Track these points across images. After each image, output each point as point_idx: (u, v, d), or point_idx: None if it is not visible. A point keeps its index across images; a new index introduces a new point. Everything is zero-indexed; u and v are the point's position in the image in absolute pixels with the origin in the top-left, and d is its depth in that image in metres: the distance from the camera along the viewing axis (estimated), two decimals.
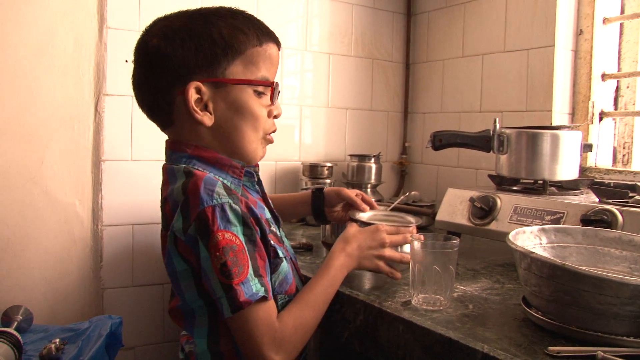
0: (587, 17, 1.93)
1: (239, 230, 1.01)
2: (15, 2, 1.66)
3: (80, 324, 1.55)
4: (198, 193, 1.00)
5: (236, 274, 0.97)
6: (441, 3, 2.35)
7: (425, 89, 2.46)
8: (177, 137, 1.14)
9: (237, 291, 0.96)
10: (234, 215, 1.01)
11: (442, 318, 1.02)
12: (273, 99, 1.15)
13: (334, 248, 1.19)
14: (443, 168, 2.34)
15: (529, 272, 0.95)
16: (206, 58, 1.08)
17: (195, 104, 1.08)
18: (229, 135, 1.12)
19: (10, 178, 1.69)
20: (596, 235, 1.14)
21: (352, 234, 1.20)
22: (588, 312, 0.87)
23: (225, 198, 1.01)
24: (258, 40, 1.11)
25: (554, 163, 1.55)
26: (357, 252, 1.18)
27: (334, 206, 1.45)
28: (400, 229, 1.23)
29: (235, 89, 1.10)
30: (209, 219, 0.98)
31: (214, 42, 1.08)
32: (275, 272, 1.10)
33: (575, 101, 1.97)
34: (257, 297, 0.98)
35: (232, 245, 0.98)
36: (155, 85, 1.11)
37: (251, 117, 1.11)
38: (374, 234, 1.20)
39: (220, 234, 0.98)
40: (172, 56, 1.08)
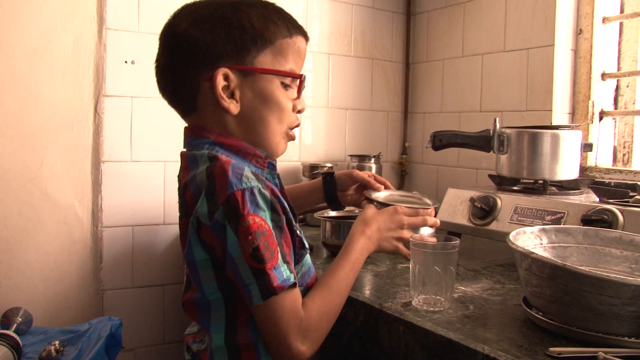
0: (586, 17, 1.93)
1: (267, 215, 0.98)
2: (14, 3, 1.66)
3: (80, 326, 1.55)
4: (226, 177, 0.97)
5: (269, 258, 0.95)
6: (441, 3, 2.35)
7: (425, 88, 2.46)
8: (199, 123, 1.11)
9: (270, 276, 0.94)
10: (263, 200, 0.98)
11: (443, 319, 1.02)
12: (299, 92, 1.14)
13: (354, 230, 1.18)
14: (443, 168, 2.34)
15: (529, 272, 0.95)
16: (235, 45, 1.05)
17: (223, 90, 1.05)
18: (254, 125, 1.10)
19: (10, 179, 1.68)
20: (597, 235, 1.13)
21: (371, 215, 1.20)
22: (589, 313, 0.86)
23: (255, 182, 0.98)
24: (288, 31, 1.09)
25: (554, 163, 1.54)
26: (377, 234, 1.18)
27: (347, 189, 1.44)
28: (419, 211, 1.23)
29: (263, 79, 1.08)
30: (239, 203, 0.95)
31: (244, 30, 1.05)
32: (300, 262, 1.09)
33: (575, 100, 1.97)
34: (289, 283, 0.96)
35: (262, 230, 0.96)
36: (182, 71, 1.08)
37: (277, 108, 1.10)
38: (392, 215, 1.20)
39: (251, 218, 0.95)
40: (201, 42, 1.05)
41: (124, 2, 1.82)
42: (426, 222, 1.22)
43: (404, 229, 1.20)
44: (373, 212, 1.21)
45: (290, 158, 2.23)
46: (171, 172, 1.92)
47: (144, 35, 1.84)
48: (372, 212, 1.21)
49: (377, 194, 1.33)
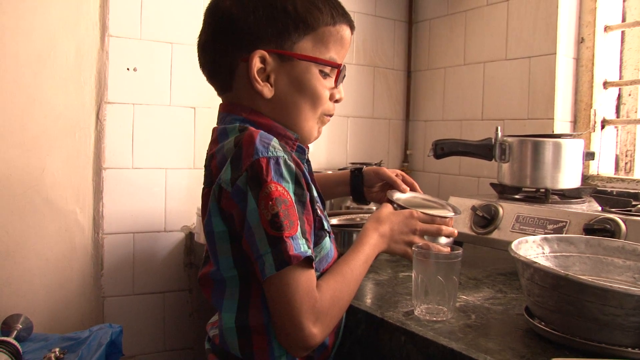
0: (588, 25, 1.93)
1: (291, 187, 0.96)
2: (17, 10, 1.67)
3: (81, 333, 1.54)
4: (253, 144, 0.96)
5: (287, 226, 0.92)
6: (443, 11, 2.35)
7: (426, 96, 2.46)
8: (234, 102, 1.11)
9: (286, 244, 0.91)
10: (288, 171, 0.96)
11: (445, 328, 1.01)
12: (337, 82, 1.12)
13: (367, 226, 1.15)
14: (444, 176, 2.34)
15: (532, 282, 0.94)
16: (276, 28, 1.04)
17: (258, 73, 1.04)
18: (287, 110, 1.09)
19: (12, 185, 1.68)
20: (599, 244, 1.13)
21: (386, 215, 1.17)
22: (592, 323, 0.86)
23: (281, 152, 0.97)
24: (332, 19, 1.07)
25: (556, 171, 1.54)
26: (389, 234, 1.15)
27: (373, 186, 1.41)
28: (435, 219, 1.20)
29: (300, 65, 1.06)
30: (262, 169, 0.94)
31: (287, 13, 1.04)
32: (318, 245, 1.05)
33: (577, 109, 1.97)
34: (305, 254, 0.92)
35: (284, 199, 0.93)
36: (221, 48, 1.08)
37: (312, 96, 1.08)
38: (407, 219, 1.18)
39: (274, 185, 0.93)
40: (243, 21, 1.04)
41: (127, 9, 1.82)
42: (440, 231, 1.19)
43: (416, 234, 1.17)
44: (388, 211, 1.18)
45: None
46: (172, 179, 1.92)
47: (146, 42, 1.84)
48: (387, 212, 1.18)
49: (398, 195, 1.30)
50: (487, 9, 2.15)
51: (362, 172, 1.42)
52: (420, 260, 1.08)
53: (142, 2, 1.85)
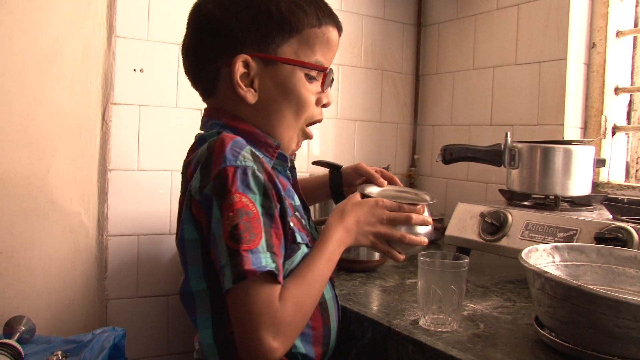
0: (600, 30, 1.91)
1: (258, 199, 0.93)
2: (24, 10, 1.66)
3: (84, 336, 1.53)
4: (223, 152, 0.94)
5: (246, 239, 0.88)
6: (452, 15, 2.34)
7: (435, 101, 2.44)
8: (217, 107, 1.10)
9: (243, 258, 0.87)
10: (255, 182, 0.94)
11: (453, 338, 0.99)
12: (324, 86, 1.09)
13: (331, 220, 1.08)
14: (452, 181, 2.32)
15: (542, 292, 0.92)
16: (260, 32, 1.02)
17: (241, 78, 1.03)
18: (270, 116, 1.06)
19: (16, 186, 1.67)
20: (611, 254, 1.11)
21: (351, 206, 1.10)
22: (605, 336, 0.84)
23: (250, 162, 0.94)
24: (318, 20, 1.05)
25: (566, 178, 1.52)
26: (355, 227, 1.08)
27: (352, 184, 1.36)
28: (402, 206, 1.12)
29: (285, 69, 1.04)
30: (228, 178, 0.91)
31: (271, 16, 1.02)
32: (290, 258, 1.01)
33: (587, 115, 1.94)
34: (264, 269, 0.88)
35: (247, 211, 0.90)
36: (203, 53, 1.07)
37: (297, 101, 1.06)
38: (373, 208, 1.10)
39: (237, 196, 0.90)
40: (225, 25, 1.03)
41: (134, 10, 1.81)
42: (410, 219, 1.10)
43: (384, 223, 1.10)
44: (354, 202, 1.11)
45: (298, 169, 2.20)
46: (178, 181, 1.89)
47: (153, 43, 1.83)
48: (352, 203, 1.11)
49: (371, 189, 1.22)
50: (497, 13, 2.13)
51: (340, 171, 1.39)
52: (425, 269, 1.06)
53: (149, 3, 1.84)
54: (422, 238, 1.11)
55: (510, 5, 2.07)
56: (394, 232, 1.10)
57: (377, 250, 1.13)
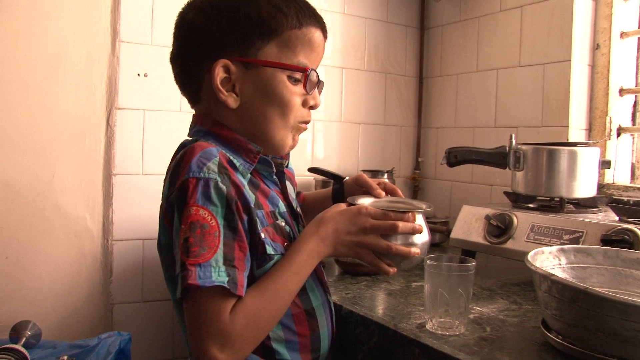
0: (604, 32, 1.90)
1: (220, 212, 0.92)
2: (29, 16, 1.66)
3: (89, 341, 1.53)
4: (189, 162, 0.94)
5: (195, 253, 0.87)
6: (455, 17, 2.34)
7: (438, 103, 2.44)
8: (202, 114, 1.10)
9: (189, 271, 0.86)
10: (217, 194, 0.93)
11: (459, 341, 0.99)
12: (307, 87, 1.06)
13: (305, 230, 1.04)
14: (457, 184, 2.31)
15: (549, 294, 0.92)
16: (240, 36, 1.02)
17: (223, 83, 1.03)
18: (255, 120, 1.05)
19: (21, 191, 1.68)
20: (617, 256, 1.11)
21: (330, 214, 1.05)
22: (613, 339, 0.83)
23: (214, 175, 0.93)
24: (298, 22, 1.04)
25: (571, 180, 1.52)
26: (333, 235, 1.03)
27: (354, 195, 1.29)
28: (388, 214, 1.05)
29: (266, 72, 1.03)
30: (189, 190, 0.91)
31: (250, 20, 1.02)
32: (261, 267, 0.99)
33: (592, 117, 1.94)
34: (211, 284, 0.86)
35: (203, 224, 0.90)
36: (187, 60, 1.08)
37: (279, 103, 1.04)
38: (355, 216, 1.04)
39: (194, 208, 0.90)
40: (207, 31, 1.03)
41: (138, 15, 1.82)
42: (396, 228, 1.03)
43: (367, 233, 1.03)
44: (335, 210, 1.07)
45: (302, 172, 2.21)
46: None
47: (157, 48, 1.83)
48: (334, 211, 1.06)
49: (363, 200, 1.15)
50: (500, 15, 2.13)
51: (342, 183, 1.37)
52: (432, 272, 1.05)
53: (153, 8, 1.84)
54: (412, 249, 1.04)
55: (513, 7, 2.06)
56: (378, 242, 1.04)
57: (363, 261, 1.07)
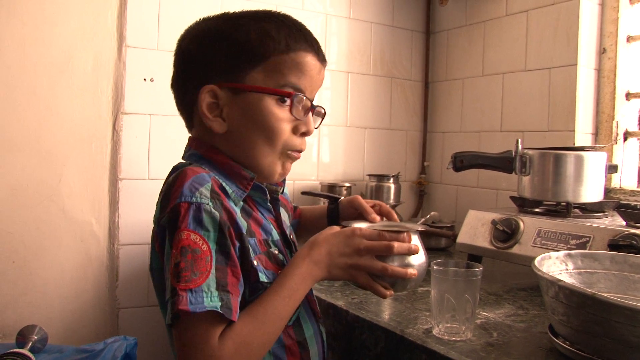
0: (610, 36, 1.90)
1: (212, 236, 0.91)
2: (36, 21, 1.67)
3: (95, 345, 1.53)
4: (181, 186, 0.93)
5: (185, 278, 0.86)
6: (461, 21, 2.34)
7: (444, 108, 2.43)
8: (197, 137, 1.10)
9: (179, 297, 0.84)
10: (210, 219, 0.91)
11: (466, 347, 0.99)
12: (292, 110, 1.03)
13: (297, 253, 1.02)
14: (462, 188, 2.31)
15: (556, 300, 0.91)
16: (228, 62, 1.02)
17: (211, 108, 1.02)
18: (242, 146, 1.04)
19: (28, 196, 1.68)
20: (625, 261, 1.10)
21: (324, 237, 1.03)
22: (621, 345, 0.83)
23: (206, 200, 0.92)
24: (287, 46, 1.02)
25: (578, 185, 1.51)
26: (326, 258, 1.00)
27: (349, 218, 1.28)
28: (382, 234, 1.02)
29: (252, 97, 1.01)
30: (180, 214, 0.90)
31: (239, 45, 1.01)
32: (254, 295, 0.97)
33: (598, 121, 1.93)
34: (202, 309, 0.85)
35: (194, 249, 0.88)
36: (182, 86, 1.08)
37: (264, 129, 1.02)
38: (349, 238, 1.01)
39: (186, 233, 0.89)
40: (197, 58, 1.05)
41: (144, 20, 1.83)
42: (391, 249, 1.00)
43: (362, 254, 1.00)
44: (328, 233, 1.04)
45: (308, 177, 2.21)
46: None
47: (163, 53, 1.84)
48: (327, 233, 1.03)
49: (358, 224, 1.10)
50: (506, 19, 2.12)
51: (337, 203, 1.35)
52: (439, 277, 1.05)
53: (159, 13, 1.85)
54: (409, 270, 1.00)
55: (519, 11, 2.06)
56: (374, 263, 1.00)
57: (358, 284, 1.03)
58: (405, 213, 2.43)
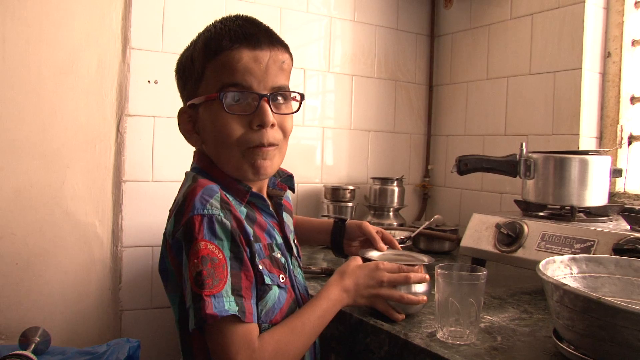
0: (615, 39, 1.90)
1: (226, 245, 0.98)
2: (41, 23, 1.67)
3: (98, 347, 1.53)
4: (193, 200, 0.99)
5: (209, 285, 0.93)
6: (465, 25, 2.33)
7: (448, 111, 2.43)
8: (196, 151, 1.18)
9: (205, 302, 0.92)
10: (222, 229, 0.98)
11: (470, 351, 0.98)
12: (227, 108, 1.03)
13: (331, 280, 1.14)
14: (466, 192, 2.31)
15: (561, 304, 0.91)
16: (188, 82, 1.11)
17: (188, 127, 1.12)
18: (212, 154, 1.11)
19: (32, 197, 1.68)
20: (630, 265, 1.09)
21: (352, 269, 1.15)
22: (626, 349, 0.82)
23: (217, 210, 0.99)
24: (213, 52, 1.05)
25: (582, 189, 1.51)
26: (354, 288, 1.13)
27: (354, 240, 1.42)
28: (402, 267, 1.17)
29: (202, 109, 1.07)
30: (195, 227, 0.96)
31: (186, 66, 1.11)
32: (263, 299, 1.03)
33: (603, 125, 1.93)
34: (226, 313, 0.92)
35: (212, 257, 0.95)
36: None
37: (216, 134, 1.06)
38: (373, 271, 1.15)
39: (203, 243, 0.95)
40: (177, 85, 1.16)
41: (148, 22, 1.83)
42: (409, 279, 1.15)
43: (383, 286, 1.14)
44: (355, 265, 1.17)
45: (311, 180, 2.21)
46: None
47: (167, 55, 1.84)
48: (354, 266, 1.16)
49: (371, 254, 1.29)
50: (510, 22, 2.12)
51: (344, 224, 1.43)
52: (442, 282, 1.05)
53: (163, 15, 1.85)
54: (420, 297, 1.16)
55: (524, 14, 2.06)
56: (392, 293, 1.14)
57: (377, 308, 1.17)
58: (409, 216, 2.42)
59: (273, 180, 1.25)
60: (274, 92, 1.07)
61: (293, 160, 2.12)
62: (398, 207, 2.21)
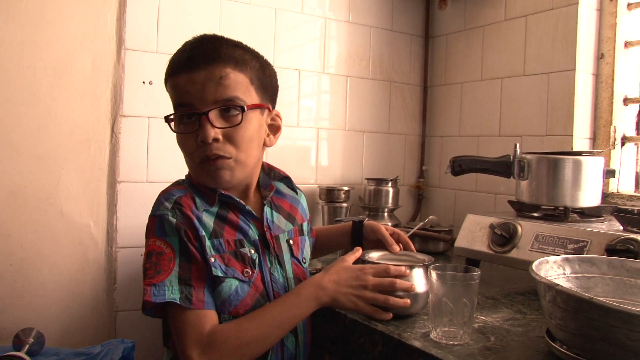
0: (608, 41, 1.91)
1: (175, 240, 1.11)
2: (35, 24, 1.67)
3: (93, 348, 1.53)
4: (154, 204, 1.16)
5: (149, 275, 1.07)
6: (460, 26, 2.34)
7: (443, 112, 2.44)
8: None
9: (145, 290, 1.06)
10: (169, 227, 1.11)
11: (464, 351, 0.99)
12: (173, 128, 1.20)
13: (311, 277, 1.19)
14: (461, 192, 2.31)
15: (553, 304, 0.92)
16: None
17: None
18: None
19: (26, 198, 1.68)
20: (622, 265, 1.10)
21: (335, 269, 1.19)
22: (618, 349, 0.83)
23: (166, 211, 1.13)
24: (166, 81, 1.21)
25: (575, 189, 1.52)
26: (333, 286, 1.15)
27: (370, 241, 1.45)
28: (389, 268, 1.17)
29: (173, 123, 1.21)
30: (149, 226, 1.14)
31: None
32: (216, 290, 1.12)
33: (596, 126, 1.94)
34: (162, 300, 1.05)
35: (159, 252, 1.09)
36: None
37: (181, 147, 1.20)
38: (357, 273, 1.18)
39: (152, 240, 1.11)
40: None
41: (143, 23, 1.83)
42: (394, 285, 1.15)
43: (368, 289, 1.15)
44: (341, 265, 1.20)
45: (306, 180, 2.21)
46: None
47: (162, 55, 1.84)
48: (338, 266, 1.20)
49: (373, 254, 1.31)
50: (505, 24, 2.13)
51: (362, 224, 1.48)
52: (436, 282, 1.05)
53: (158, 16, 1.85)
54: (406, 300, 1.15)
55: (518, 16, 2.07)
56: (376, 297, 1.15)
57: (361, 312, 1.18)
58: (404, 217, 2.43)
59: (267, 182, 1.34)
60: (216, 107, 1.14)
61: (288, 161, 2.13)
62: (393, 208, 2.21)
